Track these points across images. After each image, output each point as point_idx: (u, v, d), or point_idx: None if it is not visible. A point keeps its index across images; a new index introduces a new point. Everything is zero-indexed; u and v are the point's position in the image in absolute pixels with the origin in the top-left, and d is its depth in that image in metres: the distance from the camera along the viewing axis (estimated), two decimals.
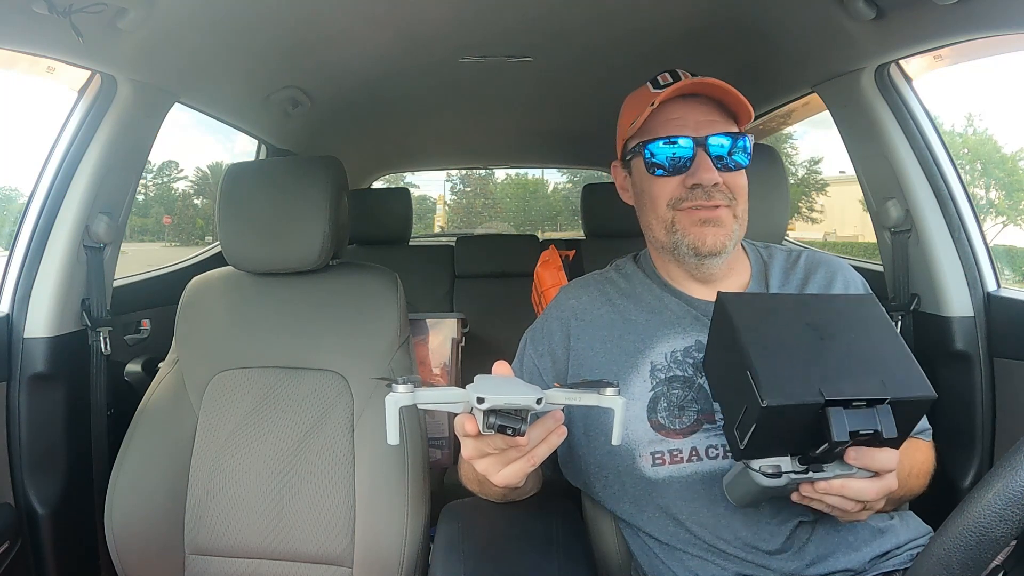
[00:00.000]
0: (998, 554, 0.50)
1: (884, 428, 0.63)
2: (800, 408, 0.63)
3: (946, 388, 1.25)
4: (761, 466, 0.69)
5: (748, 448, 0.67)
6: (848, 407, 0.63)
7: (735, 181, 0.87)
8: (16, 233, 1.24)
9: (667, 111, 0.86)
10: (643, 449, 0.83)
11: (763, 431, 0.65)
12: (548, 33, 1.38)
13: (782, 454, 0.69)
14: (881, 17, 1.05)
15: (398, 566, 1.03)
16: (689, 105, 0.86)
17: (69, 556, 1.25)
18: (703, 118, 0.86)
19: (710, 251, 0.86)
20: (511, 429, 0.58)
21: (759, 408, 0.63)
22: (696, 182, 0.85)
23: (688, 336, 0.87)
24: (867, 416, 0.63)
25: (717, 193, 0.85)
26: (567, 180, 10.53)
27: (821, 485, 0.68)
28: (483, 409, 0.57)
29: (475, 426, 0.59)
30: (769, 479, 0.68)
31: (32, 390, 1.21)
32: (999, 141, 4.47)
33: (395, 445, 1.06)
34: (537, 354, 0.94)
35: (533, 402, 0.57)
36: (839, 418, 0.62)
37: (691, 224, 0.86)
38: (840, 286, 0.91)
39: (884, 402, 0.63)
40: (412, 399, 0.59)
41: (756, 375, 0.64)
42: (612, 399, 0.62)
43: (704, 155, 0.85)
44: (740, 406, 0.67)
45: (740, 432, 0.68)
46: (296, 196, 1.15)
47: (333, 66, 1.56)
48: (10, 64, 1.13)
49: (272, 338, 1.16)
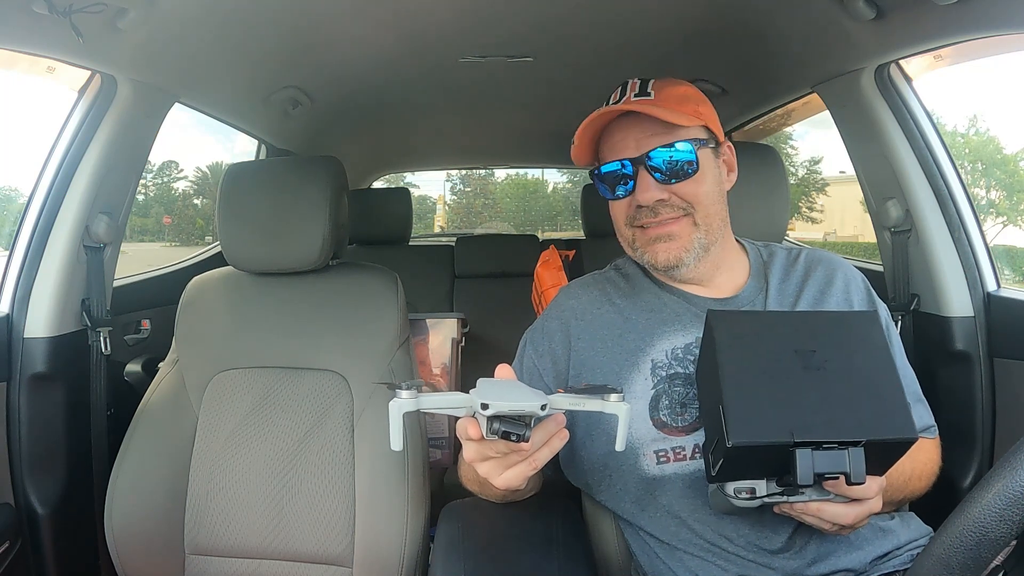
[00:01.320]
0: (998, 554, 0.50)
1: (853, 472, 0.62)
2: (768, 447, 0.63)
3: (946, 388, 1.25)
4: (735, 488, 0.69)
5: (719, 475, 0.68)
6: (819, 447, 0.62)
7: (688, 190, 0.86)
8: (16, 233, 1.24)
9: (613, 132, 0.88)
10: (646, 448, 0.83)
11: (732, 463, 0.66)
12: (548, 33, 1.38)
13: (756, 478, 0.68)
14: (881, 17, 1.05)
15: (398, 566, 1.03)
16: (631, 122, 0.86)
17: (69, 556, 1.25)
18: (644, 134, 0.85)
19: (664, 265, 0.87)
20: (515, 435, 0.57)
21: (725, 445, 0.63)
22: (638, 203, 0.86)
23: (688, 333, 0.87)
24: (836, 458, 0.62)
25: (663, 208, 0.86)
26: (567, 180, 10.52)
27: (798, 506, 0.69)
28: (487, 415, 0.57)
29: (478, 431, 0.59)
30: (744, 502, 0.69)
31: (32, 390, 1.21)
32: (999, 141, 4.47)
33: (396, 452, 1.06)
34: (537, 354, 0.94)
35: (538, 408, 0.57)
36: (805, 460, 0.62)
37: (646, 242, 0.88)
38: (840, 283, 0.90)
39: (859, 444, 0.62)
40: (416, 404, 0.59)
41: (727, 412, 0.64)
42: (616, 405, 0.62)
43: (645, 174, 0.85)
44: (713, 434, 0.68)
45: (712, 459, 0.68)
46: (296, 196, 1.15)
47: (333, 66, 1.56)
48: (10, 64, 1.13)
49: (272, 338, 1.16)
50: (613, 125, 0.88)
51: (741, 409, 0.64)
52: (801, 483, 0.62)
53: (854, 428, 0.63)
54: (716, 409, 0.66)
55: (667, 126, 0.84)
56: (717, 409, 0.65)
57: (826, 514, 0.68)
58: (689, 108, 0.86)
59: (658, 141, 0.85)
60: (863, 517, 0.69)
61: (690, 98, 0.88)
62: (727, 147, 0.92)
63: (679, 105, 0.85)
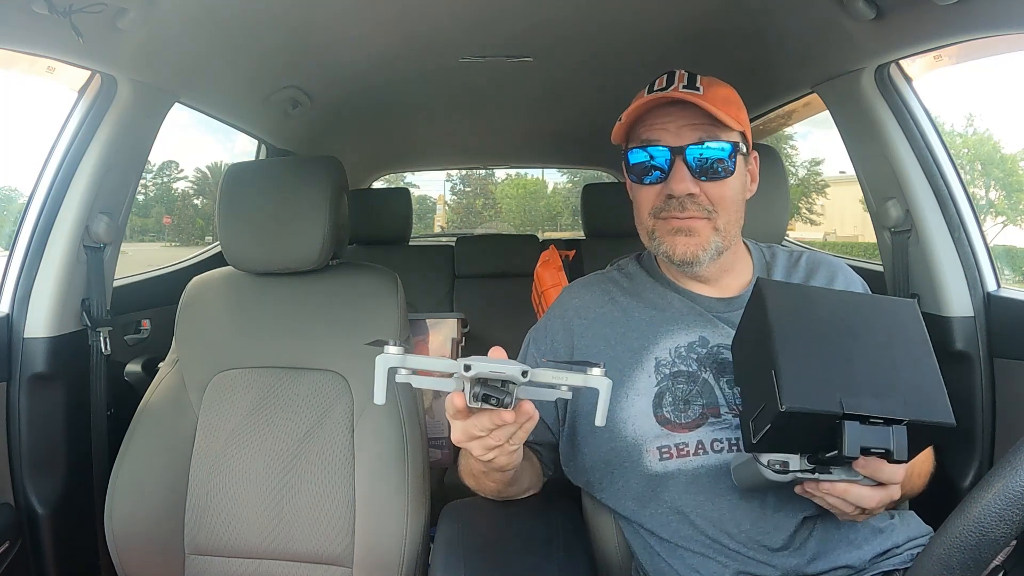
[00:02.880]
0: (998, 554, 0.51)
1: (896, 449, 0.62)
2: (817, 416, 0.63)
3: (946, 388, 1.25)
4: (770, 461, 0.69)
5: (760, 443, 0.68)
6: (865, 422, 0.62)
7: (716, 191, 0.85)
8: (16, 233, 1.24)
9: (653, 115, 0.87)
10: (650, 444, 0.84)
11: (777, 431, 0.65)
12: (548, 33, 1.38)
13: (793, 452, 0.69)
14: (881, 17, 1.05)
15: (398, 566, 1.03)
16: (676, 110, 0.85)
17: (69, 556, 1.25)
18: (687, 123, 0.85)
19: (682, 260, 0.86)
20: (495, 399, 0.59)
21: (777, 410, 0.63)
22: (669, 192, 0.85)
23: (692, 332, 0.87)
24: (881, 434, 0.62)
25: (691, 205, 0.85)
26: (567, 180, 10.55)
27: (825, 486, 0.69)
28: (469, 377, 0.59)
29: (463, 400, 0.61)
30: (776, 474, 0.69)
31: (32, 390, 1.21)
32: (999, 141, 4.47)
33: (396, 450, 1.07)
34: (540, 354, 0.95)
35: (518, 373, 0.59)
36: (854, 432, 0.62)
37: (666, 232, 0.87)
38: (840, 286, 0.91)
39: (902, 423, 0.62)
40: (402, 361, 0.60)
41: (780, 376, 0.64)
42: (598, 379, 0.62)
43: (681, 165, 0.84)
44: (759, 401, 0.67)
45: (755, 426, 0.68)
46: (296, 196, 1.15)
47: (333, 66, 1.56)
48: (10, 64, 1.13)
49: (272, 338, 1.16)
50: (656, 110, 0.86)
51: (794, 375, 0.64)
52: (847, 455, 0.62)
53: (900, 407, 0.63)
54: (765, 375, 0.65)
55: (710, 123, 0.84)
56: (766, 375, 0.65)
57: (851, 495, 0.68)
58: (732, 111, 0.86)
59: (699, 136, 0.84)
60: (885, 503, 0.70)
61: (732, 102, 0.88)
62: (754, 157, 0.92)
63: (724, 106, 0.85)
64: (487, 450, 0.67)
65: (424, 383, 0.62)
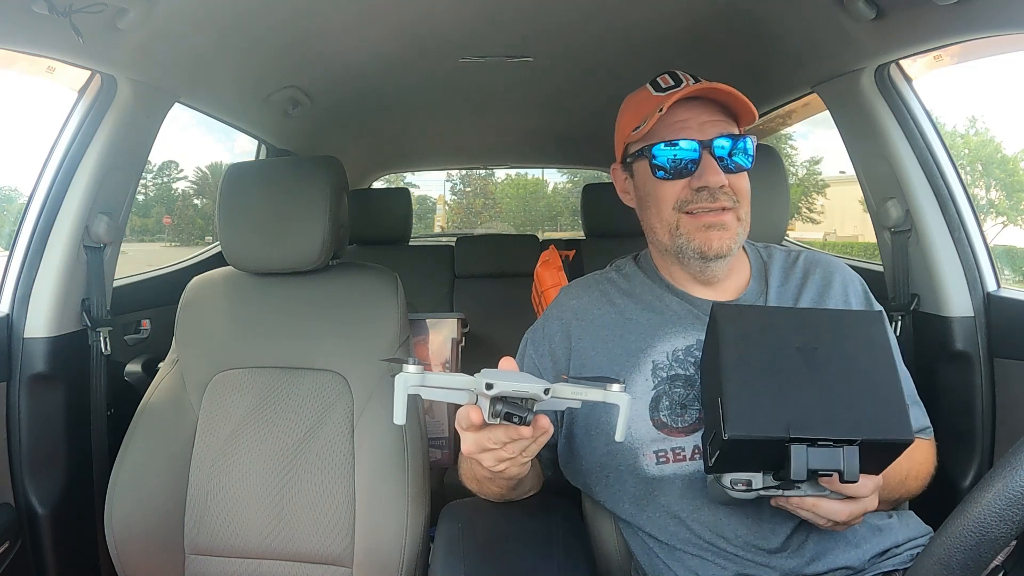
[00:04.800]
0: (998, 554, 0.51)
1: (847, 470, 0.62)
2: (764, 442, 0.64)
3: (946, 388, 1.25)
4: (732, 480, 0.70)
5: (716, 466, 0.69)
6: (814, 444, 0.63)
7: (738, 183, 0.87)
8: (16, 233, 1.24)
9: (671, 114, 0.86)
10: (646, 448, 0.84)
11: (728, 455, 0.66)
12: (548, 33, 1.38)
13: (753, 471, 0.69)
14: (881, 17, 1.05)
15: (398, 566, 1.03)
16: (692, 107, 0.86)
17: (69, 556, 1.25)
18: (707, 119, 0.86)
19: (716, 254, 0.86)
20: (517, 417, 0.59)
21: (722, 437, 0.64)
22: (702, 184, 0.85)
23: (689, 335, 0.87)
24: (831, 455, 0.63)
25: (723, 195, 0.85)
26: (567, 180, 10.56)
27: (794, 500, 0.70)
28: (491, 396, 0.58)
29: (480, 416, 0.60)
30: (740, 493, 0.70)
31: (32, 390, 1.21)
32: (1000, 142, 4.47)
33: (396, 450, 1.07)
34: (538, 355, 0.95)
35: (541, 392, 0.59)
36: (800, 456, 0.62)
37: (696, 229, 0.86)
38: (839, 286, 0.91)
39: (854, 443, 0.63)
40: (422, 380, 0.60)
41: (725, 405, 0.64)
42: (618, 395, 0.62)
43: (710, 157, 0.85)
44: (712, 426, 0.68)
45: (710, 450, 0.69)
46: (296, 196, 1.15)
47: (333, 66, 1.56)
48: (10, 64, 1.13)
49: (272, 338, 1.16)
50: (673, 108, 0.86)
51: (740, 403, 0.64)
52: (794, 478, 0.63)
53: (850, 427, 0.63)
54: (716, 401, 0.66)
55: (726, 119, 0.86)
56: (717, 401, 0.66)
57: (821, 510, 0.69)
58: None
59: (723, 129, 0.86)
60: (858, 515, 0.70)
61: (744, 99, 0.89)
62: None
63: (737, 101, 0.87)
64: (499, 462, 0.66)
65: (435, 395, 0.61)
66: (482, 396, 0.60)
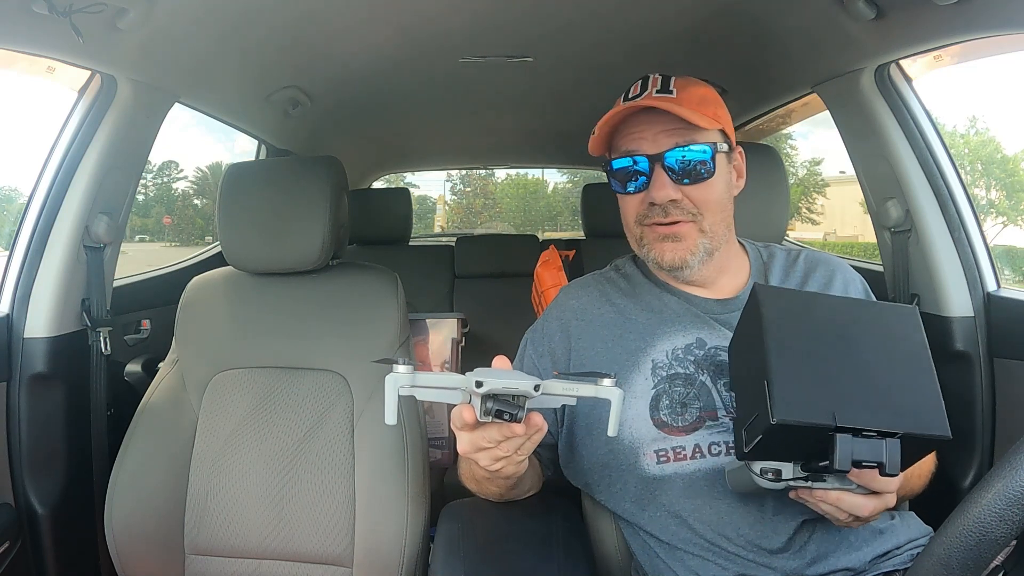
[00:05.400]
0: (998, 554, 0.51)
1: (889, 463, 0.61)
2: (809, 428, 0.62)
3: (946, 388, 1.25)
4: (762, 469, 0.68)
5: (752, 452, 0.67)
6: (858, 435, 0.61)
7: (699, 194, 0.85)
8: (16, 233, 1.24)
9: (629, 124, 0.87)
10: (646, 447, 0.83)
11: (769, 441, 0.65)
12: (548, 33, 1.38)
13: (786, 460, 0.68)
14: (881, 17, 1.05)
15: (398, 566, 1.03)
16: (651, 116, 0.85)
17: (69, 556, 1.25)
18: (663, 129, 0.85)
19: (671, 265, 0.87)
20: (508, 415, 0.59)
21: (768, 422, 0.62)
22: (651, 200, 0.85)
23: (689, 334, 0.87)
24: (874, 447, 0.61)
25: (674, 210, 0.85)
26: (567, 180, 10.56)
27: (818, 493, 0.69)
28: (481, 393, 0.59)
29: (472, 414, 0.61)
30: (769, 482, 0.68)
31: (32, 390, 1.21)
32: (1000, 141, 4.47)
33: (396, 450, 1.07)
34: (537, 354, 0.95)
35: (531, 388, 0.59)
36: (846, 445, 0.61)
37: (655, 240, 0.88)
38: (839, 285, 0.91)
39: (896, 435, 0.62)
40: (412, 380, 0.60)
41: (772, 387, 0.63)
42: (609, 390, 0.62)
43: (660, 172, 0.84)
44: (752, 409, 0.66)
45: (747, 436, 0.67)
46: (296, 196, 1.15)
47: (333, 66, 1.56)
48: (10, 64, 1.12)
49: (272, 338, 1.16)
50: (631, 119, 0.87)
51: (787, 386, 0.63)
52: (838, 468, 0.61)
53: (894, 419, 0.62)
54: (758, 384, 0.64)
55: (686, 126, 0.83)
56: (759, 384, 0.64)
57: (845, 504, 0.68)
58: (709, 111, 0.85)
59: (676, 140, 0.84)
60: (879, 511, 0.69)
61: (709, 100, 0.87)
62: (739, 153, 0.92)
63: (699, 106, 0.85)
64: (494, 460, 0.67)
65: (428, 395, 0.61)
66: (474, 395, 0.60)
